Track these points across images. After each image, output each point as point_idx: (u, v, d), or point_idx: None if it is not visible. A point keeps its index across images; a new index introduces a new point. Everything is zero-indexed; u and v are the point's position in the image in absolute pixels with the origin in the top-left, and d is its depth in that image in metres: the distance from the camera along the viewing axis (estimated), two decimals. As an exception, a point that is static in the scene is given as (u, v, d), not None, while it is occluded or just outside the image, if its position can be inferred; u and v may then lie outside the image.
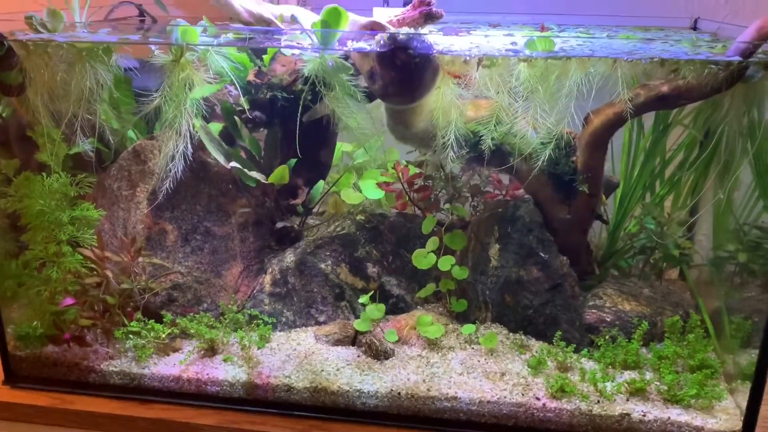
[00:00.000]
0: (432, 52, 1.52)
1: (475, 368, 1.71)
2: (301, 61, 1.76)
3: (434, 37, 1.57)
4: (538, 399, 1.61)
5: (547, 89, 1.57)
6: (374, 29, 1.56)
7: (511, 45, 1.62)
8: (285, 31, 1.73)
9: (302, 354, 1.76)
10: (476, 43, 1.67)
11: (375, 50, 1.51)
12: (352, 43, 1.59)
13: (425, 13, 1.61)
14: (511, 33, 1.95)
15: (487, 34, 1.83)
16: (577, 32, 1.95)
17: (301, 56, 1.70)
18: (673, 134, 1.98)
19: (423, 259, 1.89)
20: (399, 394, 1.63)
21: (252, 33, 1.69)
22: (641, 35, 1.90)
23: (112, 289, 1.75)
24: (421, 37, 1.50)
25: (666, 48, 1.60)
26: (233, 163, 1.80)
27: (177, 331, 1.78)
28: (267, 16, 1.76)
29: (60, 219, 1.69)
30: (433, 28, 1.68)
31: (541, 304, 1.80)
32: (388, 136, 1.90)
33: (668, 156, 2.00)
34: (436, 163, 1.99)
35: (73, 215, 1.71)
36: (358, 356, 1.76)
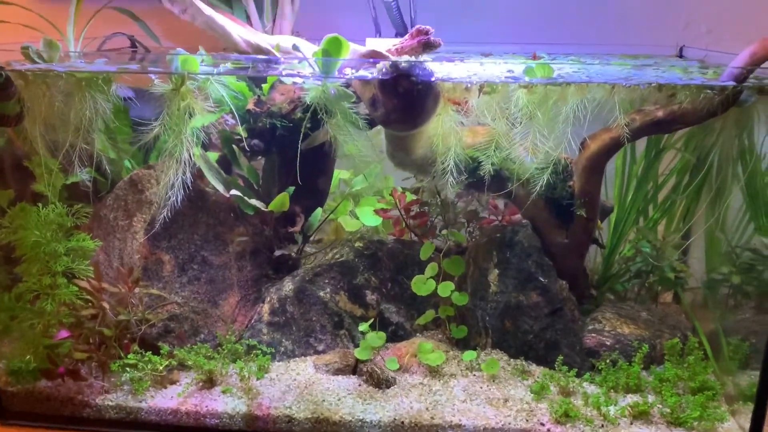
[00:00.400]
0: (433, 79, 1.54)
1: (477, 395, 1.70)
2: (301, 89, 1.77)
3: (433, 65, 1.58)
4: (542, 424, 1.60)
5: (545, 115, 1.59)
6: (374, 58, 1.58)
7: (509, 72, 1.65)
8: (283, 60, 1.74)
9: (302, 384, 1.74)
10: (473, 70, 1.69)
11: (377, 78, 1.52)
12: (352, 71, 1.60)
13: (423, 43, 1.62)
14: (505, 61, 1.99)
15: (482, 62, 1.86)
16: (569, 60, 1.99)
17: (303, 84, 1.71)
18: (665, 157, 2.01)
19: (422, 285, 1.88)
20: (402, 423, 1.61)
21: (253, 62, 1.69)
22: (632, 62, 1.94)
23: (108, 320, 1.71)
24: (423, 64, 1.52)
25: (660, 74, 1.64)
26: (234, 192, 1.79)
27: (175, 363, 1.75)
28: (264, 45, 1.77)
29: (56, 250, 1.66)
30: (428, 57, 1.70)
31: (542, 329, 1.80)
32: (386, 162, 1.90)
33: (661, 180, 2.03)
34: (432, 189, 2.00)
35: (69, 246, 1.68)
36: (360, 385, 1.74)
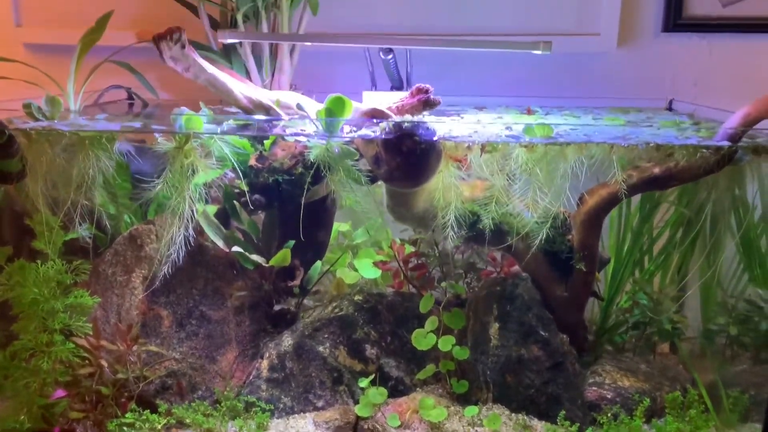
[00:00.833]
0: (436, 138, 1.56)
1: (481, 452, 1.69)
2: (302, 145, 1.79)
3: (435, 124, 1.61)
4: (547, 482, 1.59)
5: (544, 171, 1.62)
6: (377, 117, 1.60)
7: (506, 130, 1.68)
8: (285, 117, 1.76)
9: (303, 442, 1.71)
10: (472, 128, 1.72)
11: (381, 137, 1.55)
12: (353, 129, 1.62)
13: (423, 101, 1.66)
14: (500, 116, 2.03)
15: (478, 120, 1.89)
16: (563, 115, 2.03)
17: (306, 142, 1.73)
18: (660, 209, 2.05)
19: (423, 339, 1.87)
20: (406, 482, 1.60)
21: (257, 122, 1.71)
22: (624, 117, 1.99)
23: (105, 379, 1.68)
24: (426, 124, 1.54)
25: (655, 131, 1.68)
26: (235, 248, 1.79)
27: (173, 421, 1.72)
28: (266, 102, 1.79)
29: (53, 307, 1.64)
30: (425, 112, 1.74)
31: (543, 383, 1.80)
32: (385, 214, 1.92)
33: (656, 233, 2.06)
34: (430, 241, 2.01)
35: (67, 303, 1.67)
36: (361, 443, 1.72)
